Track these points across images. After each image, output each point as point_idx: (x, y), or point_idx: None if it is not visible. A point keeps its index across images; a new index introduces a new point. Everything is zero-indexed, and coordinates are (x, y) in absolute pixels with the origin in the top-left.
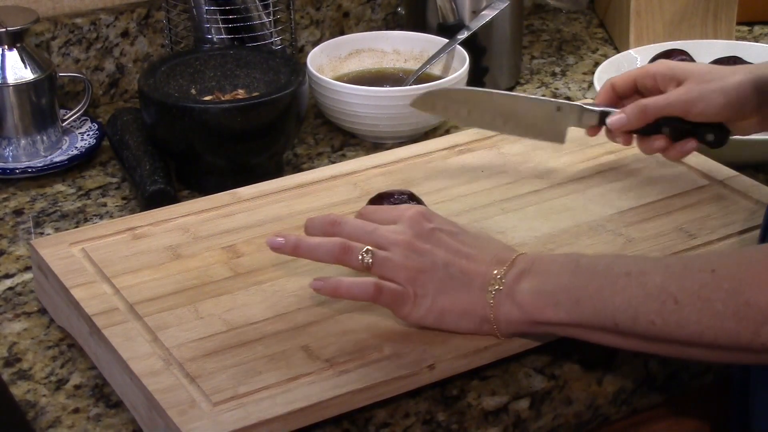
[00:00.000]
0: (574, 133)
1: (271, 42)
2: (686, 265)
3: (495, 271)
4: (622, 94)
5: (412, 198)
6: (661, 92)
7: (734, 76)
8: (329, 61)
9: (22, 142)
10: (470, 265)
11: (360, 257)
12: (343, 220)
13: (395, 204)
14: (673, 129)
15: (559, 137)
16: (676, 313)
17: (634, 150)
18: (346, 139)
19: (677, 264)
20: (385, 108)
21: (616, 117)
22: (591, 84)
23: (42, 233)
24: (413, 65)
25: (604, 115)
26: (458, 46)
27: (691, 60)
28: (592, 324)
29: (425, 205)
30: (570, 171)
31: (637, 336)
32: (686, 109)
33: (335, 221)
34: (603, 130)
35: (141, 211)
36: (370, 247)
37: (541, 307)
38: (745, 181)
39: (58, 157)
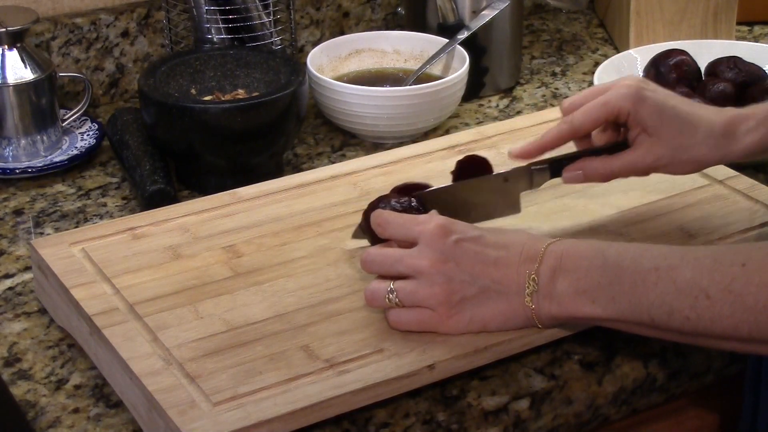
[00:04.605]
0: None
1: (271, 42)
2: (716, 258)
3: (527, 272)
4: (584, 134)
5: (419, 202)
6: (625, 127)
7: (702, 146)
8: (329, 61)
9: (22, 142)
10: (501, 272)
11: (387, 300)
12: (369, 258)
13: (398, 209)
14: None
15: (514, 208)
16: (709, 309)
17: None
18: (346, 139)
19: (707, 257)
20: (385, 108)
21: (573, 174)
22: (591, 84)
23: (42, 233)
24: (413, 65)
25: (555, 167)
26: (458, 46)
27: (691, 60)
28: (629, 319)
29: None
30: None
31: (673, 330)
32: (649, 172)
33: (364, 261)
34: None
35: (141, 211)
36: (392, 286)
37: (579, 305)
38: (745, 181)
39: (58, 157)
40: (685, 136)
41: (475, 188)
